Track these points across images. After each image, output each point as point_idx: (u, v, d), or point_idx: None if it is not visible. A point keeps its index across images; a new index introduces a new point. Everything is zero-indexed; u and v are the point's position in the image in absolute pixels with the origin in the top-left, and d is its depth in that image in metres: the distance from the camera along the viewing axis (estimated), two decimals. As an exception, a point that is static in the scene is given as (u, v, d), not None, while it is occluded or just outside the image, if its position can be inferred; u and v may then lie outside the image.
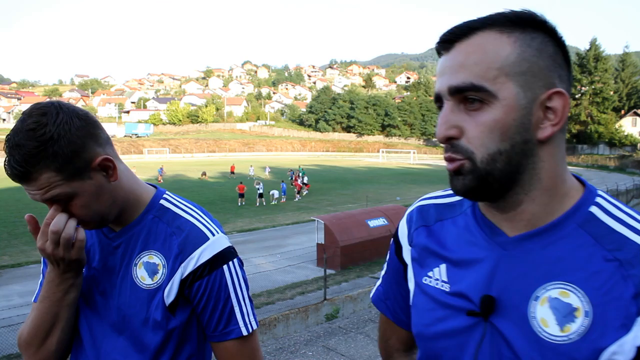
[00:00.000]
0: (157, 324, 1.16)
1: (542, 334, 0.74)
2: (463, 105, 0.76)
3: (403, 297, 1.01)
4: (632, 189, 29.97)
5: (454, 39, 0.77)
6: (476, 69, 0.74)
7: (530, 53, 0.74)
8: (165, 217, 1.22)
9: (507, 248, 0.80)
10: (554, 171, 0.78)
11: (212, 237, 1.20)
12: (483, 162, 0.75)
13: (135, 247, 1.20)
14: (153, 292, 1.17)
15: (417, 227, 0.97)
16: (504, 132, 0.74)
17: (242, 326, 1.20)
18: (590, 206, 0.79)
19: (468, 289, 0.82)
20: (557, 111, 0.75)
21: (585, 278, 0.73)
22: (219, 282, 1.18)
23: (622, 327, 0.69)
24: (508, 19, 0.75)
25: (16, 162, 1.02)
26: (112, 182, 1.14)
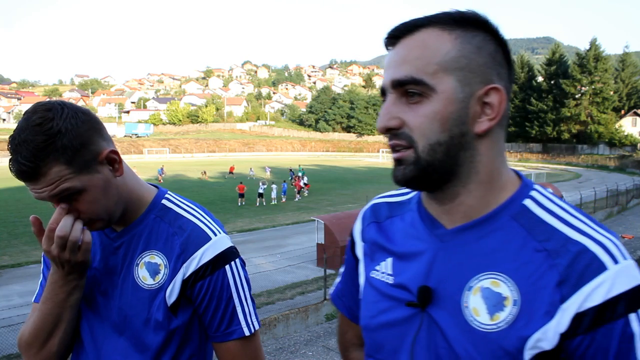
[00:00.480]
0: (158, 324, 1.15)
1: (474, 322, 0.76)
2: (405, 98, 0.79)
3: (357, 292, 1.03)
4: (632, 189, 29.93)
5: (399, 35, 0.80)
6: (417, 63, 0.77)
7: (470, 50, 0.77)
8: (167, 217, 1.22)
9: (445, 240, 0.83)
10: (491, 165, 0.80)
11: (214, 237, 1.19)
12: (424, 151, 0.77)
13: (137, 247, 1.19)
14: (155, 292, 1.16)
15: (369, 224, 1.00)
16: (443, 124, 0.77)
17: (245, 326, 1.20)
18: (524, 199, 0.81)
19: (408, 281, 0.85)
20: (493, 106, 0.78)
21: (515, 268, 0.75)
22: (221, 283, 1.18)
23: (546, 315, 0.72)
24: (451, 18, 0.78)
25: (24, 158, 1.01)
26: (117, 176, 1.14)
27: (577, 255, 0.73)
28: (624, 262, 0.72)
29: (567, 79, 66.78)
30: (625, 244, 8.24)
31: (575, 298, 0.71)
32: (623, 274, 0.71)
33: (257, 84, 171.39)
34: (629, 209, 25.94)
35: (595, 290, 0.70)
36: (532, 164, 62.69)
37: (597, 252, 0.73)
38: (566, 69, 68.99)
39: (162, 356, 1.17)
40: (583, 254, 0.73)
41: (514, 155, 71.87)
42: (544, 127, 69.22)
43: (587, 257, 0.72)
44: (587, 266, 0.71)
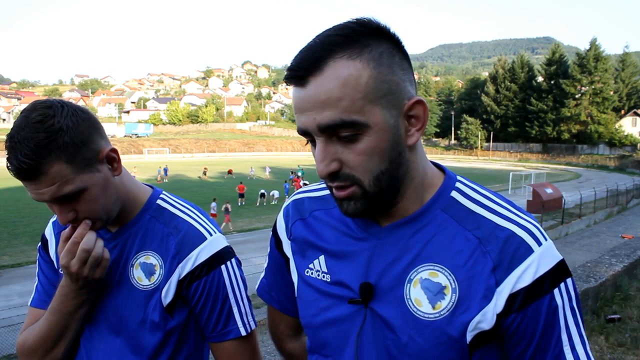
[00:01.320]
0: (154, 325, 1.15)
1: (417, 313, 0.80)
2: (335, 137, 0.76)
3: (288, 286, 1.04)
4: (632, 189, 29.93)
5: (305, 74, 0.75)
6: (342, 104, 0.73)
7: (385, 72, 0.75)
8: (162, 217, 1.21)
9: (381, 237, 0.86)
10: (420, 167, 0.84)
11: (210, 237, 1.19)
12: (371, 185, 0.78)
13: (132, 248, 1.18)
14: (150, 292, 1.15)
15: (295, 221, 1.00)
16: (382, 154, 0.77)
17: (241, 326, 1.20)
18: (451, 191, 0.86)
19: (348, 278, 0.87)
20: (419, 117, 0.79)
21: (450, 258, 0.80)
22: (217, 283, 1.17)
23: (483, 299, 0.77)
24: (349, 39, 0.75)
25: (25, 156, 0.98)
26: (116, 175, 1.14)
27: (506, 240, 0.78)
28: (545, 242, 0.79)
29: (567, 79, 66.84)
30: (625, 244, 8.23)
31: (508, 281, 0.77)
32: (546, 254, 0.78)
33: (257, 84, 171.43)
34: (629, 209, 25.94)
35: (525, 272, 0.77)
36: (532, 164, 62.71)
37: (523, 236, 0.79)
38: (566, 69, 69.06)
39: (159, 357, 1.16)
40: (511, 238, 0.78)
41: (514, 155, 71.90)
42: (544, 127, 69.27)
43: (515, 242, 0.78)
44: (516, 250, 0.78)
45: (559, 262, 0.79)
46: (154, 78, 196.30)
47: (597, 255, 8.52)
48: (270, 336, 1.20)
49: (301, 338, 1.15)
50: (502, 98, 74.83)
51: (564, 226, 19.81)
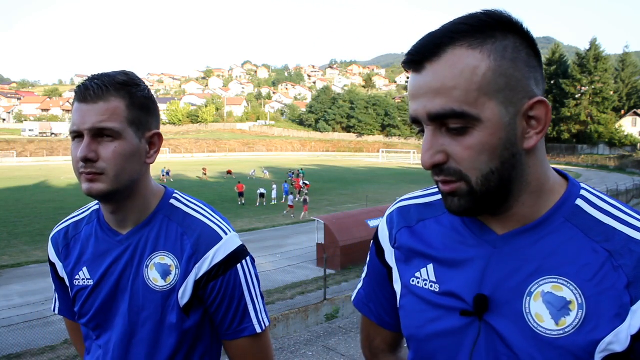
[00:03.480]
0: (172, 325, 1.15)
1: (538, 329, 0.74)
2: (445, 128, 0.73)
3: (387, 299, 1.01)
4: (632, 189, 29.94)
5: (422, 59, 0.73)
6: (455, 93, 0.71)
7: (506, 66, 0.72)
8: (175, 216, 1.21)
9: (497, 246, 0.80)
10: (539, 173, 0.78)
11: (225, 237, 1.19)
12: (478, 184, 0.74)
13: (146, 249, 1.18)
14: (167, 293, 1.15)
15: (400, 229, 0.95)
16: (493, 152, 0.72)
17: (256, 323, 1.20)
18: (576, 199, 0.79)
19: (459, 289, 0.82)
20: (540, 119, 0.74)
21: (576, 271, 0.74)
22: (234, 282, 1.17)
23: (616, 317, 0.70)
24: (474, 29, 0.72)
25: (100, 80, 1.08)
26: (147, 162, 1.16)
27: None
28: None
29: (567, 79, 66.77)
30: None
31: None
32: None
33: (257, 84, 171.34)
34: (629, 209, 25.92)
35: None
36: (532, 164, 62.51)
37: None
38: (566, 69, 68.98)
39: (175, 356, 1.16)
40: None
41: (514, 155, 71.74)
42: (544, 127, 69.13)
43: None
44: None
45: None
46: (154, 78, 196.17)
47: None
48: (362, 350, 1.15)
49: (397, 354, 1.10)
50: (502, 98, 74.71)
51: (564, 226, 19.77)
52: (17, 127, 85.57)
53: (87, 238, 1.24)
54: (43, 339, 8.65)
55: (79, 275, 1.22)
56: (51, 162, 56.21)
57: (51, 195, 28.02)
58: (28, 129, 75.67)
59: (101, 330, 1.20)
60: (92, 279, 1.20)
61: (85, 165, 1.07)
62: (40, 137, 71.64)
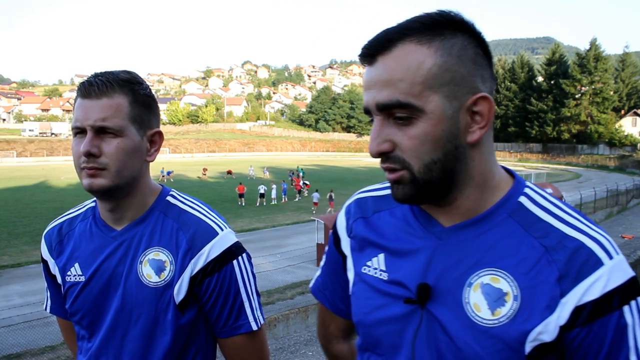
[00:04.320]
0: (165, 322, 1.14)
1: (475, 318, 0.78)
2: (392, 119, 0.77)
3: (342, 287, 1.04)
4: (632, 189, 29.92)
5: (375, 53, 0.78)
6: (401, 85, 0.75)
7: (452, 62, 0.75)
8: (171, 213, 1.20)
9: (443, 237, 0.84)
10: (484, 168, 0.82)
11: (221, 232, 1.18)
12: (420, 172, 0.77)
13: (140, 245, 1.17)
14: (161, 290, 1.14)
15: (356, 219, 0.99)
16: (436, 143, 0.76)
17: (252, 321, 1.20)
18: (519, 197, 0.83)
19: (405, 278, 0.85)
20: (483, 114, 0.78)
21: (514, 264, 0.78)
22: (229, 278, 1.17)
23: (546, 309, 0.74)
24: (425, 26, 0.76)
25: (104, 77, 1.10)
26: (148, 159, 1.17)
27: (575, 251, 0.76)
28: (617, 257, 0.76)
29: (567, 79, 66.75)
30: (625, 244, 8.24)
31: (574, 292, 0.74)
32: (617, 268, 0.75)
33: (257, 84, 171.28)
34: (629, 209, 25.94)
35: (593, 284, 0.73)
36: (532, 164, 62.65)
37: (594, 248, 0.76)
38: (566, 69, 68.96)
39: (169, 353, 1.15)
40: (580, 250, 0.76)
41: (514, 155, 71.82)
42: (544, 127, 69.18)
43: (585, 253, 0.75)
44: (585, 262, 0.75)
45: (631, 278, 0.76)
46: (154, 78, 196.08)
47: (597, 255, 8.50)
48: (318, 336, 1.20)
49: (350, 340, 1.14)
50: (502, 98, 74.75)
51: (564, 226, 19.75)
52: (17, 127, 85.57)
53: (81, 234, 1.23)
54: (43, 339, 8.64)
55: (70, 272, 1.21)
56: (51, 162, 56.19)
57: (51, 195, 28.01)
58: (28, 129, 75.70)
59: (94, 327, 1.19)
60: (83, 275, 1.18)
61: (87, 160, 1.07)
62: (40, 137, 71.64)
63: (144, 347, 1.14)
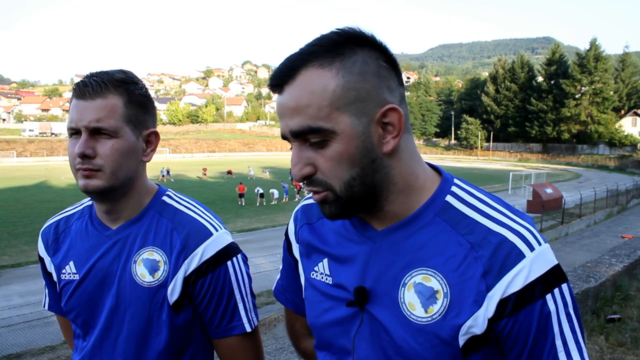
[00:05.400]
0: (159, 323, 1.14)
1: (411, 316, 0.82)
2: (308, 143, 0.79)
3: (300, 288, 1.06)
4: (632, 189, 29.91)
5: (281, 83, 0.80)
6: (309, 111, 0.77)
7: (354, 80, 0.77)
8: (166, 212, 1.20)
9: (377, 241, 0.87)
10: (405, 173, 0.84)
11: (216, 233, 1.18)
12: (342, 190, 0.80)
13: (134, 244, 1.16)
14: (154, 289, 1.14)
15: (302, 225, 1.03)
16: (352, 160, 0.78)
17: (246, 322, 1.20)
18: (446, 195, 0.86)
19: (346, 281, 0.89)
20: (394, 124, 0.79)
21: (443, 262, 0.81)
22: (223, 279, 1.16)
23: (474, 304, 0.78)
24: (325, 49, 0.77)
25: (99, 77, 1.09)
26: (143, 159, 1.17)
27: (498, 246, 0.79)
28: (539, 247, 0.79)
29: (567, 79, 66.80)
30: (625, 244, 8.23)
31: (499, 286, 0.77)
32: (539, 259, 0.78)
33: (257, 84, 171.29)
34: (629, 209, 25.92)
35: (515, 277, 0.77)
36: (532, 164, 62.66)
37: (515, 241, 0.79)
38: (566, 69, 69.02)
39: (164, 354, 1.15)
40: (503, 244, 0.79)
41: (514, 155, 71.85)
42: (544, 127, 69.23)
43: (507, 247, 0.78)
44: (507, 255, 0.78)
45: (553, 267, 0.79)
46: (154, 78, 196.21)
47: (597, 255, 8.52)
48: (288, 334, 1.22)
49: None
50: (502, 98, 74.79)
51: (564, 226, 19.79)
52: (17, 127, 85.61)
53: (77, 233, 1.23)
54: (43, 339, 8.63)
55: (65, 270, 1.21)
56: (51, 162, 56.16)
57: (51, 195, 27.99)
58: (28, 129, 75.74)
59: (87, 326, 1.19)
60: (78, 274, 1.18)
61: (82, 161, 1.07)
62: (40, 137, 71.66)
63: (137, 347, 1.14)
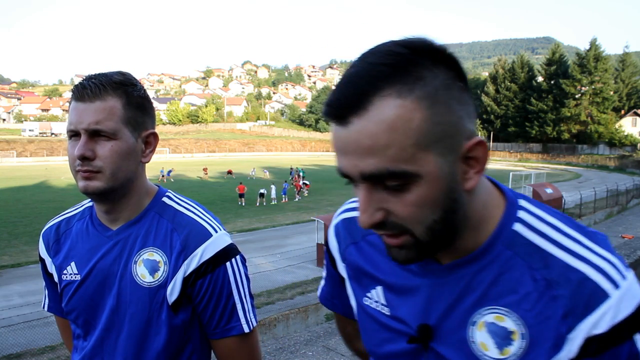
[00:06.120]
0: (159, 322, 1.15)
1: (483, 357, 0.75)
2: (380, 185, 0.68)
3: (348, 295, 1.02)
4: (632, 189, 29.93)
5: (347, 113, 0.65)
6: (389, 152, 0.64)
7: (440, 112, 0.65)
8: (166, 213, 1.21)
9: (441, 276, 0.80)
10: (478, 205, 0.76)
11: (215, 234, 1.19)
12: (423, 235, 0.71)
13: (135, 245, 1.18)
14: (154, 290, 1.15)
15: (347, 245, 0.96)
16: (434, 204, 0.69)
17: (244, 323, 1.20)
18: (513, 224, 0.77)
19: (406, 316, 0.83)
20: (479, 159, 0.70)
21: (517, 301, 0.74)
22: (222, 280, 1.17)
23: (554, 347, 0.71)
24: (398, 71, 0.64)
25: (97, 79, 1.10)
26: (143, 161, 1.18)
27: (579, 285, 0.71)
28: (624, 283, 0.71)
29: (567, 79, 66.79)
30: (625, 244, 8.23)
31: (581, 327, 0.70)
32: (625, 297, 0.70)
33: (257, 84, 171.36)
34: (629, 209, 25.94)
35: (601, 319, 0.70)
36: (532, 164, 62.69)
37: (598, 279, 0.71)
38: (566, 69, 69.00)
39: (163, 354, 1.16)
40: (585, 282, 0.71)
41: (514, 155, 71.85)
42: (544, 127, 69.22)
43: (590, 286, 0.71)
44: (591, 296, 0.70)
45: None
46: (154, 78, 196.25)
47: (596, 255, 8.49)
48: (340, 334, 1.20)
49: None
50: (502, 98, 74.78)
51: (564, 226, 19.76)
52: (17, 127, 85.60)
53: (78, 233, 1.25)
54: (43, 339, 8.64)
55: (66, 270, 1.22)
56: (51, 162, 56.19)
57: (51, 195, 28.01)
58: (28, 129, 75.74)
59: (88, 326, 1.20)
60: (79, 274, 1.19)
61: (82, 163, 1.08)
62: (40, 137, 71.66)
63: (137, 347, 1.15)
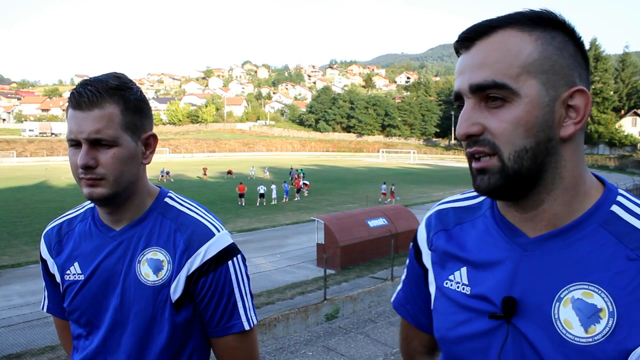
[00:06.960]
0: (162, 321, 1.17)
1: (567, 335, 0.73)
2: (484, 103, 0.75)
3: (424, 300, 1.01)
4: (632, 189, 29.92)
5: (474, 37, 0.77)
6: (498, 66, 0.73)
7: (552, 51, 0.74)
8: (169, 213, 1.24)
9: (528, 249, 0.79)
10: (575, 170, 0.77)
11: (218, 234, 1.21)
12: (510, 159, 0.74)
13: (138, 245, 1.20)
14: (158, 288, 1.17)
15: (437, 232, 0.97)
16: (529, 129, 0.73)
17: (245, 321, 1.22)
18: (611, 205, 0.78)
19: (489, 291, 0.82)
20: (579, 109, 0.75)
21: (608, 278, 0.72)
22: (224, 278, 1.20)
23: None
24: (528, 18, 0.75)
25: (94, 87, 1.09)
26: (144, 162, 1.20)
27: None
28: None
29: (567, 79, 66.71)
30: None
31: None
32: None
33: (257, 84, 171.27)
34: (629, 209, 25.89)
35: None
36: (532, 164, 62.53)
37: None
38: (566, 69, 68.89)
39: (166, 352, 1.18)
40: None
41: (514, 155, 71.76)
42: (544, 127, 69.17)
43: None
44: None
45: None
46: (153, 78, 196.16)
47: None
48: (400, 350, 1.16)
49: (433, 357, 1.10)
50: (502, 98, 74.76)
51: (564, 226, 19.77)
52: (17, 127, 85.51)
53: (81, 234, 1.26)
54: (43, 339, 8.64)
55: (70, 270, 1.23)
56: (51, 162, 56.18)
57: (51, 195, 28.01)
58: (28, 129, 75.69)
59: (91, 325, 1.21)
60: (83, 274, 1.21)
61: (85, 172, 1.10)
62: (40, 137, 71.63)
63: (140, 345, 1.17)
